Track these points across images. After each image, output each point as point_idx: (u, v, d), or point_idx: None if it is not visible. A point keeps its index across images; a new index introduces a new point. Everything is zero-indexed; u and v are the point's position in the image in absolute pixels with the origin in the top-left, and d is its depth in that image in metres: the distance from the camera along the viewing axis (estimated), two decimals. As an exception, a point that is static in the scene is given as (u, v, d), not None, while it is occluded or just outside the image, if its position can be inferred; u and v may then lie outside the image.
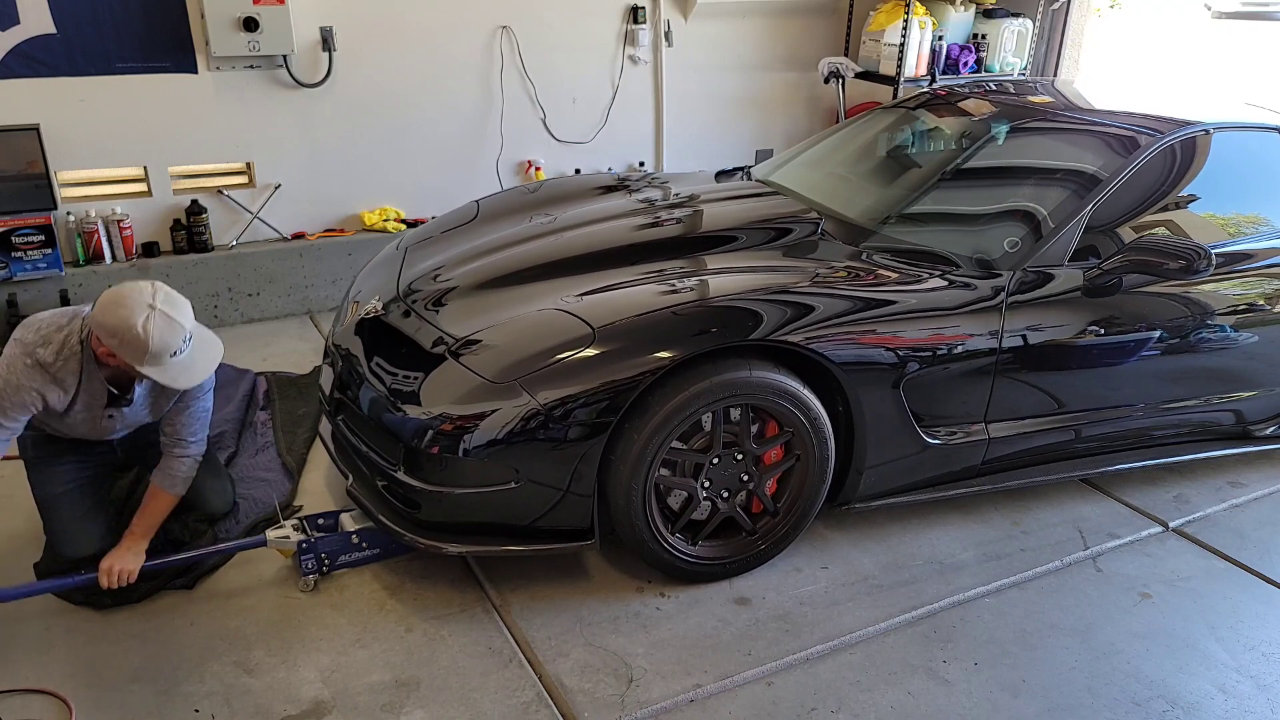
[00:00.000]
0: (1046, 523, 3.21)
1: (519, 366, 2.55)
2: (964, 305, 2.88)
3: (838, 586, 2.85)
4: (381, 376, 2.75)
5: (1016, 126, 3.55)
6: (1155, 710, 2.45)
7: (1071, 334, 2.99)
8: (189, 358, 2.46)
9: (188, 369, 2.46)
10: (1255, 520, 3.28)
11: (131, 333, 2.33)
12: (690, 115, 5.78)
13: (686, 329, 2.59)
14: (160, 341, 2.36)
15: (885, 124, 4.02)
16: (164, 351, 2.38)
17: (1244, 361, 3.35)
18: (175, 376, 2.44)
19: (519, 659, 2.53)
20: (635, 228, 3.34)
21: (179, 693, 2.39)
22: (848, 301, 2.76)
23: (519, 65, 5.15)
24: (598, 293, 2.80)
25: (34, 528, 2.94)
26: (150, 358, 2.38)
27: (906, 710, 2.41)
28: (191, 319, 2.46)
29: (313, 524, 2.87)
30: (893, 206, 3.39)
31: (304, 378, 4.08)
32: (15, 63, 4.08)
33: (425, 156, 5.11)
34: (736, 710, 2.40)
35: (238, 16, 4.27)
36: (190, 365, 2.47)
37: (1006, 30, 5.66)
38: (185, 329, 2.42)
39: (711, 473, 2.71)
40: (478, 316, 2.80)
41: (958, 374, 2.88)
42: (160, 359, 2.39)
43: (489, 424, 2.49)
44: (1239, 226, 3.38)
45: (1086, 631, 2.71)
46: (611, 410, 2.50)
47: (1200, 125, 3.25)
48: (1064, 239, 3.01)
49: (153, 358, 2.38)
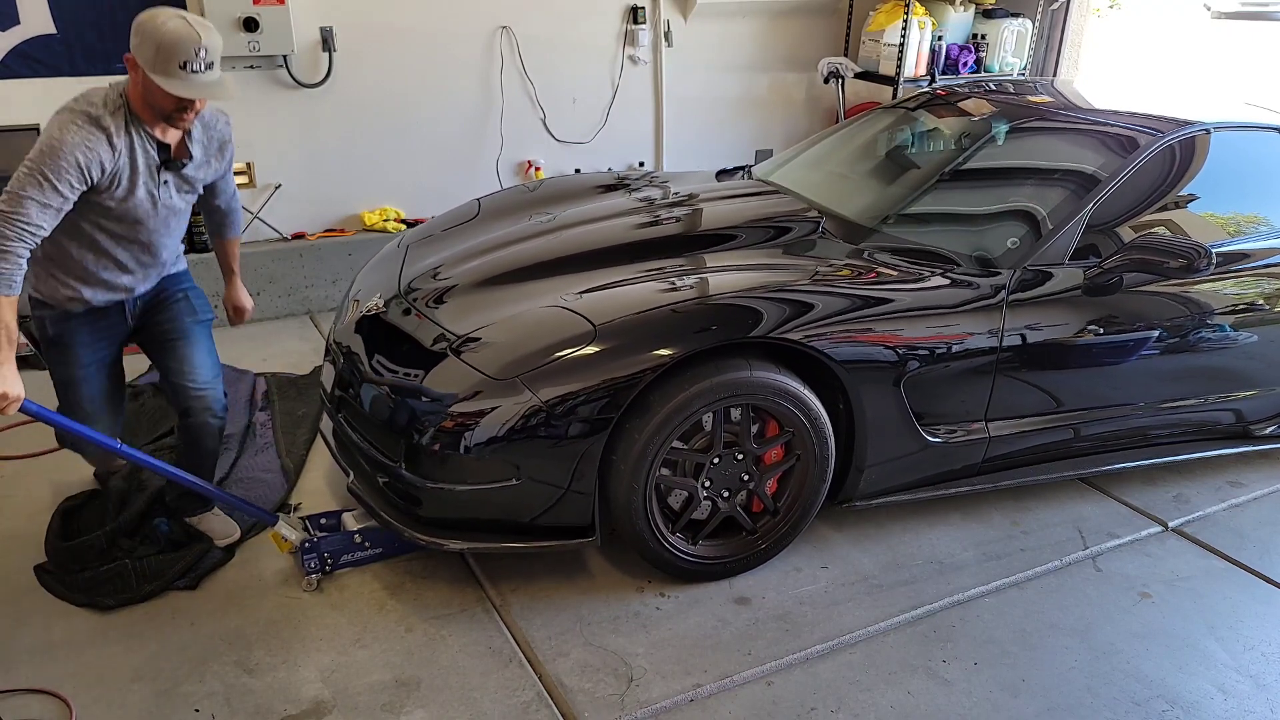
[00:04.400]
0: (1046, 522, 3.21)
1: (520, 363, 2.55)
2: (964, 304, 2.88)
3: (837, 586, 2.85)
4: (383, 373, 2.76)
5: (1016, 126, 3.55)
6: (1155, 710, 2.45)
7: (1071, 333, 2.99)
8: (203, 80, 2.38)
9: (202, 86, 2.38)
10: (1255, 520, 3.28)
11: (150, 24, 2.32)
12: (690, 115, 5.78)
13: (687, 327, 2.59)
14: (173, 37, 2.30)
15: (885, 124, 4.02)
16: (176, 52, 2.31)
17: (1244, 361, 3.35)
18: (186, 88, 2.35)
19: (519, 659, 2.53)
20: (635, 226, 3.34)
21: (179, 693, 2.39)
22: (848, 299, 2.76)
23: (519, 65, 5.15)
24: (598, 290, 2.80)
25: (34, 528, 2.94)
26: (162, 58, 2.31)
27: (906, 710, 2.42)
28: (217, 44, 2.40)
29: (315, 523, 2.87)
30: (893, 206, 3.39)
31: (304, 378, 4.08)
32: (15, 63, 4.08)
33: (425, 156, 5.11)
34: (736, 710, 2.40)
35: (238, 16, 4.27)
36: (204, 84, 2.38)
37: (1006, 30, 5.66)
38: (202, 41, 2.34)
39: (712, 472, 2.71)
40: (478, 314, 2.80)
41: (958, 372, 2.88)
42: (171, 63, 2.31)
43: (490, 420, 2.49)
44: (1239, 226, 3.38)
45: (1086, 631, 2.72)
46: (612, 407, 2.50)
47: (1200, 125, 3.25)
48: (1064, 238, 3.01)
49: (164, 59, 2.31)
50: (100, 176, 2.41)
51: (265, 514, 2.84)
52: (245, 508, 2.82)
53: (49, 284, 2.61)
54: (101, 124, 2.39)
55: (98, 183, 2.41)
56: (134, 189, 2.51)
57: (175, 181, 2.61)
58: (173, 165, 2.58)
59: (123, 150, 2.44)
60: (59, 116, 2.39)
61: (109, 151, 2.40)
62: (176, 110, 2.43)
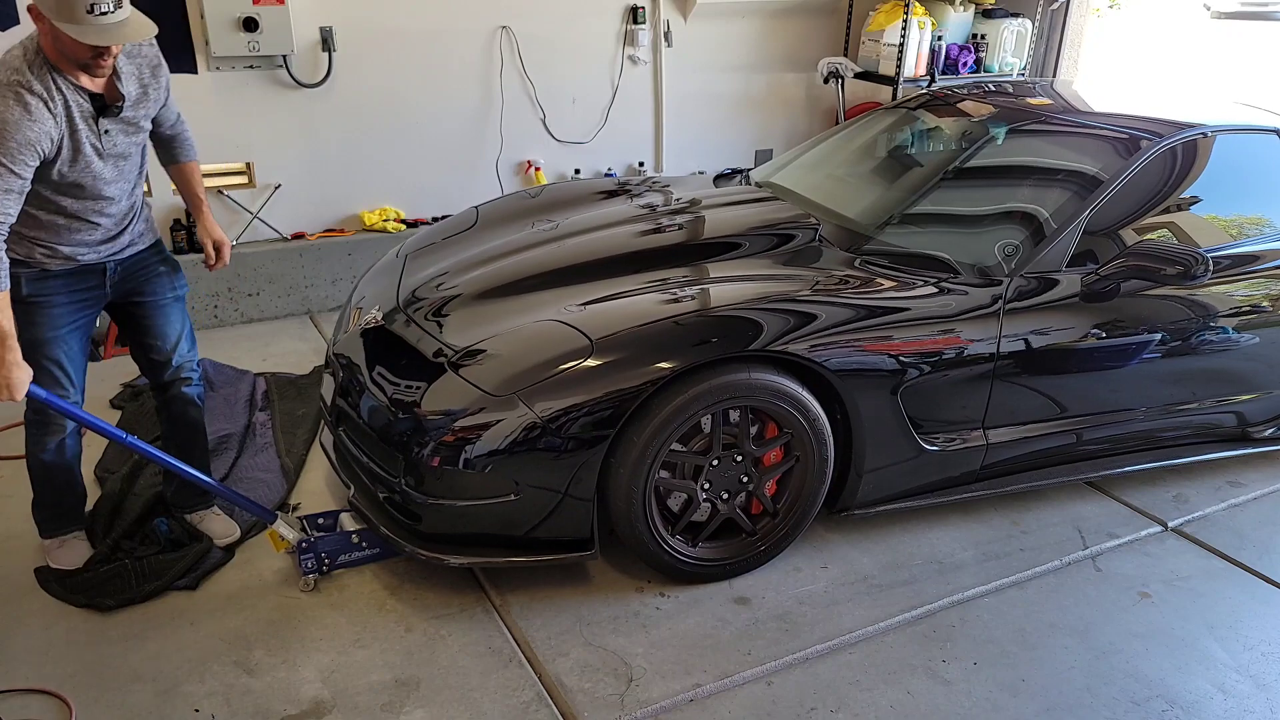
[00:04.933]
0: (1046, 522, 3.21)
1: (519, 379, 2.55)
2: (961, 312, 2.88)
3: (837, 586, 2.86)
4: (384, 387, 2.75)
5: (1015, 128, 3.54)
6: (1154, 710, 2.45)
7: (1069, 339, 2.99)
8: (112, 21, 2.25)
9: (113, 28, 2.25)
10: (1254, 520, 3.28)
11: None
12: (690, 115, 5.78)
13: (687, 339, 2.60)
14: None
15: (883, 126, 4.02)
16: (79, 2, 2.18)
17: (1245, 363, 3.35)
18: (99, 34, 2.23)
19: (519, 659, 2.53)
20: (637, 234, 3.34)
21: (179, 693, 2.40)
22: (847, 310, 2.77)
23: (519, 65, 5.15)
24: (600, 302, 2.81)
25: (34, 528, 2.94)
26: (65, 4, 2.18)
27: (906, 710, 2.42)
28: None
29: (312, 523, 2.88)
30: (891, 211, 3.38)
31: (303, 378, 4.08)
32: (15, 63, 4.07)
33: (425, 156, 5.11)
34: (736, 710, 2.40)
35: (238, 16, 4.27)
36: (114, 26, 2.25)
37: (1006, 30, 5.66)
38: None
39: (711, 475, 2.71)
40: (478, 327, 2.80)
41: (955, 381, 2.88)
42: (76, 8, 2.18)
43: (490, 435, 2.50)
44: (1241, 228, 3.38)
45: (1086, 631, 2.72)
46: (613, 420, 2.50)
47: (1200, 128, 3.25)
48: (1062, 243, 3.01)
49: (67, 5, 2.17)
50: (50, 147, 2.30)
51: (265, 511, 2.84)
52: (245, 504, 2.82)
53: (24, 246, 2.48)
54: (34, 90, 2.26)
55: (47, 154, 2.31)
56: (79, 148, 2.38)
57: (119, 128, 2.47)
58: (109, 112, 2.43)
59: (58, 108, 2.31)
60: None
61: (50, 120, 2.29)
62: (93, 58, 2.29)
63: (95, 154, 2.43)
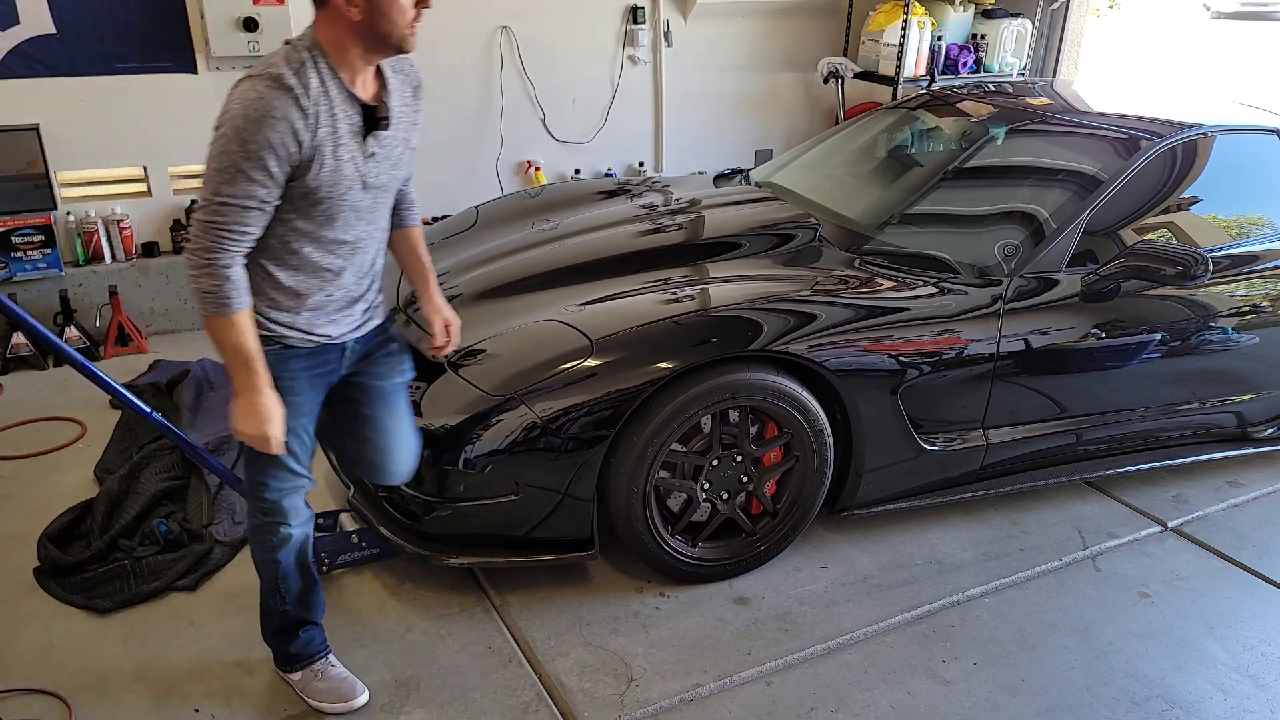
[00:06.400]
0: (1046, 522, 3.21)
1: (518, 379, 2.55)
2: (961, 312, 2.88)
3: (837, 586, 2.86)
4: None
5: (1015, 128, 3.55)
6: (1154, 709, 2.45)
7: (1069, 339, 2.99)
8: None
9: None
10: (1254, 520, 3.28)
11: None
12: (690, 115, 5.78)
13: (687, 339, 2.60)
14: None
15: (883, 126, 4.02)
16: None
17: (1245, 363, 3.35)
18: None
19: (519, 659, 2.53)
20: (637, 234, 3.34)
21: (179, 693, 2.40)
22: (847, 310, 2.77)
23: (519, 65, 5.15)
24: (600, 302, 2.81)
25: (34, 528, 2.94)
26: None
27: (906, 710, 2.42)
28: None
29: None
30: (891, 211, 3.38)
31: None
32: (15, 63, 4.08)
33: (425, 156, 5.04)
34: (736, 710, 2.40)
35: (237, 17, 4.27)
36: None
37: (1006, 30, 5.66)
38: None
39: (711, 475, 2.71)
40: (478, 327, 2.80)
41: (955, 381, 2.88)
42: None
43: (490, 435, 2.50)
44: (1240, 228, 3.38)
45: (1085, 631, 2.72)
46: (613, 421, 2.50)
47: (1200, 128, 3.25)
48: (1062, 244, 3.01)
49: None
50: (297, 150, 1.86)
51: None
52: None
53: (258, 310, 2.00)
54: (284, 83, 1.83)
55: (294, 158, 1.86)
56: (339, 168, 1.93)
57: (384, 152, 2.03)
58: (379, 125, 1.99)
59: (318, 114, 1.87)
60: (235, 91, 1.86)
61: (300, 117, 1.84)
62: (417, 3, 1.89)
63: (358, 180, 1.98)
